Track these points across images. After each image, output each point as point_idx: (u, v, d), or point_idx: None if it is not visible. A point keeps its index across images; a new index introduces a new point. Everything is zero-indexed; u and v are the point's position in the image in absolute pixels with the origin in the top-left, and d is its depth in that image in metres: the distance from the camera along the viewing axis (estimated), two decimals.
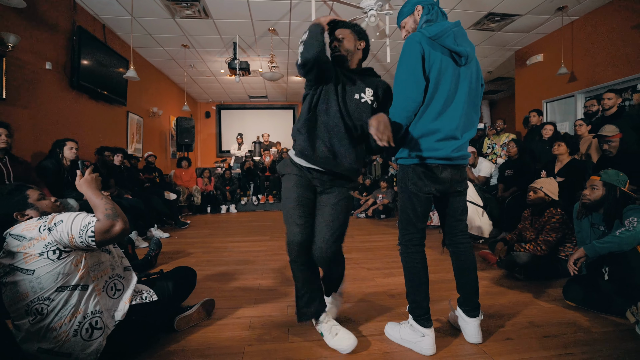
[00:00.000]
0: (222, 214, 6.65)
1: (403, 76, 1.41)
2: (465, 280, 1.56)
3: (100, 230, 1.25)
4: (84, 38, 4.16)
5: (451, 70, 1.42)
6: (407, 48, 1.41)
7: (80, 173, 1.40)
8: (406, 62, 1.40)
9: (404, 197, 1.52)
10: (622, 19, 4.17)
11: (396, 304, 2.02)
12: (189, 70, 7.04)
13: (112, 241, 1.30)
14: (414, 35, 1.42)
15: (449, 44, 1.40)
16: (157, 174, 5.68)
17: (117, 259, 1.49)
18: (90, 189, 1.36)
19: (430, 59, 1.39)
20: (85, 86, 4.24)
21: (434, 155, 1.43)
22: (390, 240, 3.94)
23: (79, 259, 1.28)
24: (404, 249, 1.55)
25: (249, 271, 2.72)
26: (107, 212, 1.28)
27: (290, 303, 2.05)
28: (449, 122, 1.43)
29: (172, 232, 4.55)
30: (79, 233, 1.23)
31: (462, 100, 1.44)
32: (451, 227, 1.59)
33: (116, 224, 1.27)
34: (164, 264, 2.97)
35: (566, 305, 1.91)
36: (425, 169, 1.45)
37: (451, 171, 1.48)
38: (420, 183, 1.46)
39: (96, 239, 1.24)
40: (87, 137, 4.47)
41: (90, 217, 1.27)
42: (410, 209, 1.50)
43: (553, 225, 2.34)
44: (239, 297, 2.15)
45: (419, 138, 1.43)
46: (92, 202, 1.33)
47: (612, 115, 3.55)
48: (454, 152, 1.44)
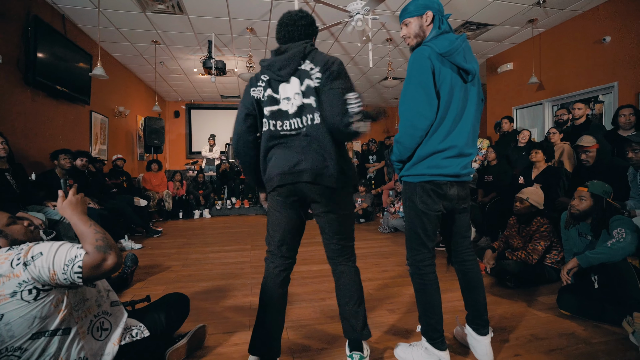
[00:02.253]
0: (195, 220, 6.34)
1: (413, 92, 1.35)
2: (474, 297, 1.54)
3: (90, 265, 1.06)
4: (41, 29, 3.75)
5: (459, 86, 1.39)
6: (417, 63, 1.35)
7: (62, 194, 1.19)
8: (417, 77, 1.34)
9: (413, 216, 1.47)
10: (585, 33, 4.45)
11: (398, 320, 1.97)
12: (159, 68, 6.63)
13: (102, 277, 1.13)
14: (423, 50, 1.37)
15: (459, 62, 1.36)
16: (124, 178, 5.29)
17: (104, 292, 1.31)
18: (75, 213, 1.16)
19: (440, 76, 1.35)
20: (43, 83, 3.82)
21: (443, 173, 1.39)
22: (374, 246, 3.93)
23: (60, 297, 1.09)
24: (415, 270, 1.49)
25: (237, 287, 2.56)
26: (98, 242, 1.09)
27: (289, 324, 1.94)
28: (458, 139, 1.40)
29: (144, 241, 4.24)
30: (62, 269, 1.04)
31: (470, 116, 1.42)
32: (457, 245, 1.56)
33: (108, 257, 1.08)
34: (140, 281, 2.73)
35: (560, 315, 1.97)
36: (434, 186, 1.41)
37: (457, 188, 1.45)
38: (430, 201, 1.41)
39: (83, 275, 1.05)
40: (46, 139, 4.05)
41: (76, 248, 1.08)
42: (420, 227, 1.46)
43: (542, 234, 2.41)
44: (231, 320, 2.01)
45: (428, 156, 1.39)
46: (78, 229, 1.13)
47: (582, 124, 3.76)
48: (462, 169, 1.42)
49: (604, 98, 4.38)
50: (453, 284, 2.51)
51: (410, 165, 1.43)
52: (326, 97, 1.32)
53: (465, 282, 1.58)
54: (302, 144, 1.37)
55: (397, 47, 5.71)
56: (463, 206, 1.51)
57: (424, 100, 1.33)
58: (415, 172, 1.42)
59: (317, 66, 1.35)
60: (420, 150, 1.40)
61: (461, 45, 1.37)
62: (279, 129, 1.40)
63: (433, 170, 1.39)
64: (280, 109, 1.40)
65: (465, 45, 1.40)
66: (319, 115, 1.35)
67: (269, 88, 1.41)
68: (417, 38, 1.47)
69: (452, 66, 1.37)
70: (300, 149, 1.37)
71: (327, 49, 5.75)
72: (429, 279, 1.46)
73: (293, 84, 1.38)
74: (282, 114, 1.40)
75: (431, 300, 1.46)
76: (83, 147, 4.91)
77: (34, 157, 3.83)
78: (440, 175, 1.39)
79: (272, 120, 1.41)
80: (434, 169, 1.39)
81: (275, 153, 1.43)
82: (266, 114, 1.42)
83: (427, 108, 1.33)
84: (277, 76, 1.39)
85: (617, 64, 4.07)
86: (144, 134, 7.20)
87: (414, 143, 1.38)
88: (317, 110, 1.35)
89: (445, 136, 1.38)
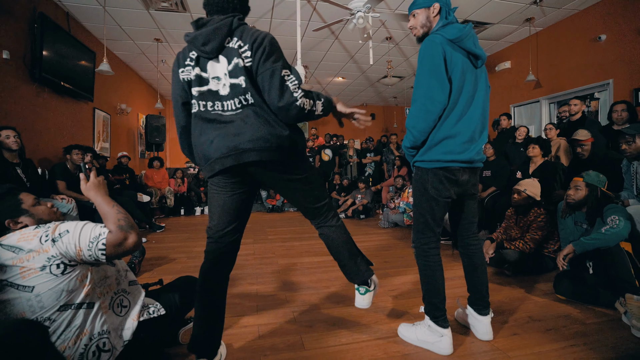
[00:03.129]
0: (196, 216, 6.39)
1: (425, 78, 1.39)
2: (477, 279, 1.61)
3: (113, 243, 1.12)
4: (47, 26, 3.80)
5: (470, 72, 1.44)
6: (429, 50, 1.40)
7: (84, 177, 1.26)
8: (429, 64, 1.39)
9: (423, 201, 1.51)
10: (581, 32, 4.55)
11: (401, 304, 2.04)
12: (160, 66, 6.68)
13: (123, 255, 1.19)
14: (434, 37, 1.42)
15: (469, 47, 1.42)
16: (127, 175, 5.34)
17: (122, 272, 1.37)
18: (99, 194, 1.23)
19: (452, 61, 1.39)
20: (48, 79, 3.88)
21: (457, 159, 1.42)
22: (375, 240, 4.00)
23: (85, 273, 1.16)
24: (420, 252, 1.55)
25: (242, 276, 2.63)
26: (120, 222, 1.16)
27: (295, 309, 2.00)
28: (470, 124, 1.44)
29: (148, 236, 4.30)
30: (88, 245, 1.10)
31: (480, 101, 1.47)
32: (464, 230, 1.63)
33: (129, 236, 1.15)
34: (147, 272, 2.79)
35: (557, 299, 2.04)
36: (447, 172, 1.44)
37: (469, 174, 1.50)
38: (441, 187, 1.45)
39: (107, 252, 1.12)
40: (50, 134, 4.10)
41: (100, 227, 1.15)
42: (429, 213, 1.51)
43: (539, 224, 2.49)
44: (239, 305, 2.07)
45: (441, 141, 1.43)
46: (102, 209, 1.20)
47: (577, 120, 3.85)
48: (476, 154, 1.46)
49: (599, 95, 4.47)
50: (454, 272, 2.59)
51: (424, 151, 1.46)
52: (262, 80, 1.21)
53: (469, 264, 1.64)
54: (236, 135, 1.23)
55: (396, 46, 5.79)
56: (472, 192, 1.55)
57: (436, 85, 1.37)
58: (429, 157, 1.44)
59: (245, 44, 1.23)
60: (434, 135, 1.43)
61: (470, 32, 1.43)
62: (209, 110, 1.28)
63: (447, 156, 1.42)
64: (210, 89, 1.27)
65: (473, 33, 1.45)
66: (250, 96, 1.24)
67: (197, 67, 1.28)
68: (423, 29, 1.53)
69: (462, 52, 1.42)
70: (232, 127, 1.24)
71: (327, 47, 5.82)
72: (434, 260, 1.52)
73: (222, 62, 1.25)
74: (212, 94, 1.27)
75: (435, 280, 1.51)
76: (86, 143, 4.96)
77: (39, 152, 3.88)
78: (454, 161, 1.42)
79: (202, 101, 1.29)
80: (448, 155, 1.42)
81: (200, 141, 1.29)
82: (194, 94, 1.29)
83: (439, 92, 1.37)
84: (202, 52, 1.26)
85: (612, 61, 4.17)
86: (145, 132, 7.25)
87: (427, 127, 1.41)
88: (248, 91, 1.24)
89: (457, 120, 1.42)
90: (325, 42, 5.61)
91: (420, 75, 1.41)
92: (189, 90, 1.31)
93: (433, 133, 1.44)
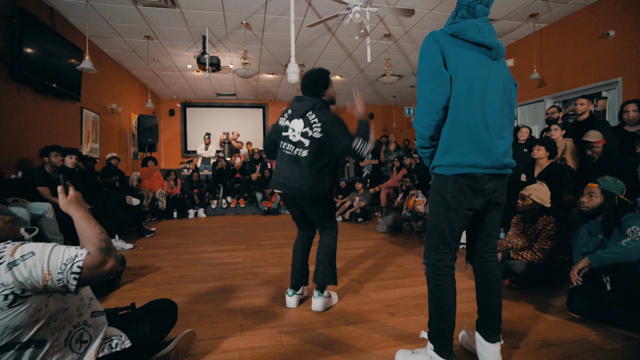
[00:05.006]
0: (190, 219, 6.20)
1: (423, 73, 1.32)
2: (490, 301, 1.43)
3: (90, 265, 0.99)
4: (28, 22, 3.62)
5: (482, 65, 1.29)
6: (424, 46, 1.33)
7: (62, 190, 1.12)
8: (424, 59, 1.32)
9: (440, 212, 1.34)
10: (588, 28, 4.36)
11: (399, 324, 1.86)
12: (152, 65, 6.49)
13: (97, 280, 1.04)
14: (432, 33, 1.34)
15: (471, 36, 1.28)
16: (117, 178, 5.14)
17: (86, 301, 1.18)
18: (80, 210, 1.10)
19: (451, 54, 1.28)
20: (30, 77, 3.69)
21: (479, 163, 1.26)
22: (372, 246, 3.81)
23: (38, 306, 0.98)
24: (432, 270, 1.37)
25: (229, 289, 2.44)
26: (101, 244, 1.03)
27: (283, 328, 1.82)
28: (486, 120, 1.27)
29: (136, 241, 4.11)
30: (59, 268, 0.95)
31: (497, 96, 1.30)
32: (482, 243, 1.44)
33: (109, 260, 1.03)
34: (129, 283, 2.61)
35: (570, 318, 1.86)
36: (468, 179, 1.28)
37: (495, 181, 1.32)
38: (462, 197, 1.29)
39: (81, 277, 0.97)
40: (33, 136, 3.91)
41: (74, 248, 1.01)
42: (446, 225, 1.33)
43: (548, 233, 2.31)
44: (222, 324, 1.89)
45: (456, 141, 1.28)
46: (81, 227, 1.06)
47: (585, 120, 3.66)
48: (502, 157, 1.29)
49: (607, 94, 4.28)
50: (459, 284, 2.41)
51: (441, 153, 1.32)
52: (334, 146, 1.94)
53: (483, 283, 1.45)
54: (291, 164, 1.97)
55: (395, 43, 5.61)
56: (499, 201, 1.38)
57: (432, 77, 1.28)
58: (447, 161, 1.29)
59: (319, 122, 1.93)
60: (447, 134, 1.30)
61: (475, 23, 1.29)
62: (284, 149, 2.02)
63: (467, 159, 1.26)
64: (288, 135, 2.00)
65: (483, 25, 1.31)
66: (306, 152, 1.93)
67: (288, 120, 2.02)
68: None
69: (467, 44, 1.30)
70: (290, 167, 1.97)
71: (324, 44, 5.64)
72: (446, 281, 1.35)
73: (300, 123, 1.97)
74: (287, 139, 2.00)
75: (445, 305, 1.34)
76: (74, 145, 4.78)
77: (19, 155, 3.70)
78: (476, 166, 1.26)
79: (283, 142, 2.02)
80: (468, 157, 1.26)
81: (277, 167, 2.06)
82: (282, 136, 2.03)
83: (437, 84, 1.27)
84: (294, 113, 2.00)
85: (621, 58, 3.98)
86: (137, 132, 7.06)
87: (431, 121, 1.30)
88: (306, 149, 1.93)
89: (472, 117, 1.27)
90: (322, 39, 5.42)
91: (419, 70, 1.35)
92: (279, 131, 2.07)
93: (445, 130, 1.31)
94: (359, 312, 2.03)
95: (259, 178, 6.89)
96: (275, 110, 10.12)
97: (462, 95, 1.27)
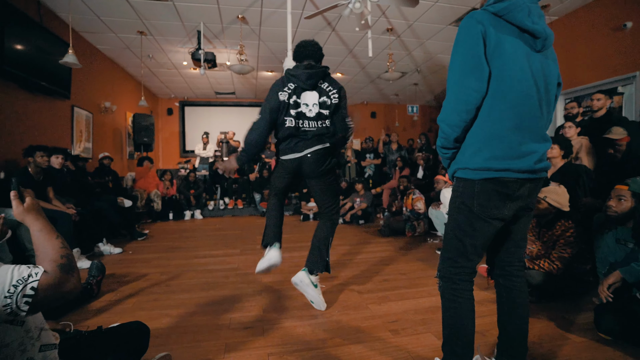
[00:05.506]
0: (186, 221, 6.02)
1: (458, 63, 1.13)
2: (515, 325, 1.24)
3: (48, 285, 0.83)
4: (10, 15, 3.43)
5: (524, 55, 1.11)
6: (463, 29, 1.13)
7: (16, 196, 0.93)
8: (462, 45, 1.13)
9: (461, 220, 1.19)
10: (603, 19, 4.12)
11: (403, 343, 1.65)
12: (148, 62, 6.31)
13: (52, 305, 0.87)
14: (474, 13, 1.13)
15: (520, 20, 1.09)
16: (110, 178, 4.96)
17: (34, 333, 0.97)
18: (40, 218, 0.93)
19: (494, 41, 1.09)
20: (13, 73, 3.50)
21: (512, 167, 1.10)
22: (375, 252, 3.60)
23: None
24: (447, 285, 1.22)
25: (217, 300, 2.24)
26: (63, 260, 0.87)
27: (272, 349, 1.61)
28: (525, 120, 1.12)
29: (126, 245, 3.92)
30: (8, 290, 0.78)
31: (540, 93, 1.14)
32: (508, 254, 1.27)
33: (71, 279, 0.87)
34: (110, 292, 2.41)
35: (599, 339, 1.64)
36: (498, 185, 1.12)
37: (530, 187, 1.16)
38: (490, 205, 1.13)
39: (35, 300, 0.81)
40: (18, 135, 3.73)
41: (26, 267, 0.83)
42: (468, 236, 1.18)
43: (568, 240, 2.08)
44: (204, 343, 1.68)
45: (487, 142, 1.12)
46: (41, 239, 0.90)
47: (602, 117, 3.43)
48: (536, 162, 1.12)
49: (624, 89, 4.05)
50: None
51: (468, 156, 1.16)
52: (337, 116, 2.00)
53: (507, 301, 1.27)
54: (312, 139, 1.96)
55: (398, 38, 5.39)
56: (530, 206, 1.23)
57: (469, 70, 1.11)
58: (474, 164, 1.14)
59: (334, 88, 1.95)
60: (476, 133, 1.15)
61: (524, 3, 1.11)
62: (299, 126, 1.93)
63: (499, 164, 1.11)
64: (302, 111, 1.92)
65: (534, 6, 1.14)
66: (329, 122, 1.97)
67: (294, 95, 1.91)
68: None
69: (512, 29, 1.11)
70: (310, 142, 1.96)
71: (324, 39, 5.43)
72: (464, 297, 1.20)
73: (314, 95, 1.92)
74: (303, 115, 1.92)
75: (462, 325, 1.18)
76: (65, 144, 4.60)
77: (4, 155, 3.51)
78: (508, 170, 1.11)
79: (296, 120, 1.92)
80: (499, 161, 1.11)
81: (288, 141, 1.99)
82: (292, 114, 1.92)
83: (473, 79, 1.10)
84: (303, 85, 1.91)
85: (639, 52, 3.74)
86: (133, 131, 6.88)
87: (460, 121, 1.14)
88: (328, 118, 1.96)
89: (507, 116, 1.11)
90: (321, 34, 5.22)
91: (452, 59, 1.15)
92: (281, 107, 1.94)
93: (475, 131, 1.15)
94: (358, 329, 1.82)
95: (258, 178, 6.69)
96: None
97: (498, 93, 1.10)
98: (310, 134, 1.94)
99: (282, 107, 1.92)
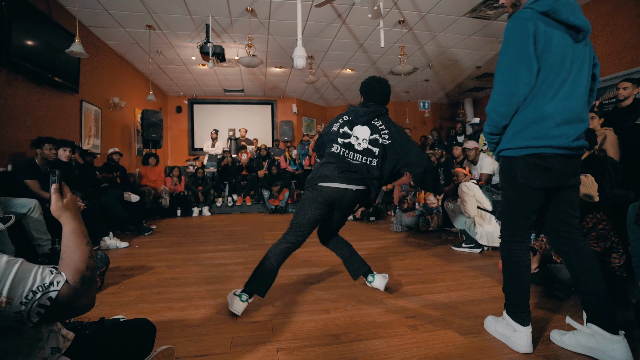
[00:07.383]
0: (193, 217, 5.97)
1: (509, 58, 1.29)
2: (595, 284, 1.34)
3: (65, 297, 0.75)
4: (19, 7, 3.41)
5: (569, 47, 1.28)
6: (514, 27, 1.28)
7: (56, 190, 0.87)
8: (513, 43, 1.28)
9: (510, 192, 1.41)
10: (624, 7, 3.93)
11: (423, 340, 1.52)
12: (156, 58, 6.29)
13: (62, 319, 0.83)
14: (523, 12, 1.28)
15: (566, 17, 1.24)
16: (118, 174, 4.93)
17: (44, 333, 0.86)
18: (74, 220, 0.86)
19: (545, 38, 1.25)
20: (21, 65, 3.48)
21: (552, 144, 1.27)
22: (386, 247, 3.47)
23: None
24: (505, 245, 1.46)
25: (223, 294, 2.14)
26: (87, 273, 0.81)
27: (281, 344, 1.51)
28: (567, 104, 1.28)
29: (133, 240, 3.86)
30: (26, 296, 0.70)
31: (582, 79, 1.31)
32: (565, 224, 1.41)
33: (88, 294, 0.81)
34: (114, 285, 2.34)
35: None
36: (538, 159, 1.30)
37: (567, 162, 1.31)
38: (532, 175, 1.32)
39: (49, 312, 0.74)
40: (26, 128, 3.70)
41: (49, 271, 0.76)
42: (516, 205, 1.40)
43: (600, 233, 1.93)
44: (209, 337, 1.58)
45: (530, 124, 1.30)
46: (70, 243, 0.83)
47: (629, 106, 3.25)
48: (574, 140, 1.28)
49: None
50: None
51: (511, 137, 1.35)
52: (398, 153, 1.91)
53: (580, 266, 1.38)
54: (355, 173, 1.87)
55: (410, 31, 5.25)
56: (573, 183, 1.39)
57: (520, 66, 1.27)
58: (516, 144, 1.33)
59: (386, 128, 1.90)
60: (521, 117, 1.32)
61: (568, 1, 1.26)
62: (344, 156, 1.89)
63: (540, 142, 1.29)
64: (350, 142, 1.90)
65: (572, 2, 1.29)
66: (376, 162, 1.88)
67: (346, 126, 1.93)
68: (513, 8, 1.43)
69: (558, 25, 1.27)
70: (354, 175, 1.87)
71: (334, 34, 5.32)
72: (517, 257, 1.42)
73: (365, 129, 1.90)
74: (350, 146, 1.90)
75: (517, 275, 1.42)
76: (72, 139, 4.57)
77: (10, 147, 3.49)
78: (547, 147, 1.29)
79: (343, 148, 1.90)
80: (541, 140, 1.29)
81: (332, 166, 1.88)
82: (340, 143, 1.91)
83: (525, 74, 1.27)
84: (356, 119, 1.93)
85: None
86: (141, 128, 6.86)
87: (509, 111, 1.33)
88: (376, 157, 1.88)
89: (550, 100, 1.28)
90: (332, 27, 5.11)
91: (503, 54, 1.31)
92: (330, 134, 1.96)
93: (520, 115, 1.32)
94: (373, 324, 1.70)
95: (266, 175, 6.61)
96: (284, 107, 9.83)
97: (544, 83, 1.27)
98: (354, 167, 1.87)
99: (331, 135, 1.95)
